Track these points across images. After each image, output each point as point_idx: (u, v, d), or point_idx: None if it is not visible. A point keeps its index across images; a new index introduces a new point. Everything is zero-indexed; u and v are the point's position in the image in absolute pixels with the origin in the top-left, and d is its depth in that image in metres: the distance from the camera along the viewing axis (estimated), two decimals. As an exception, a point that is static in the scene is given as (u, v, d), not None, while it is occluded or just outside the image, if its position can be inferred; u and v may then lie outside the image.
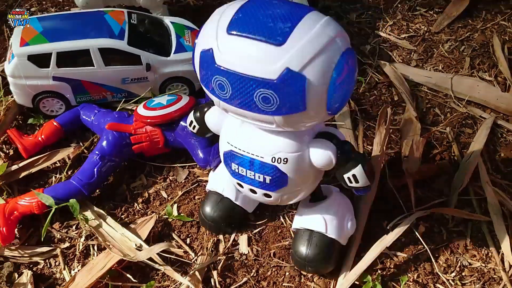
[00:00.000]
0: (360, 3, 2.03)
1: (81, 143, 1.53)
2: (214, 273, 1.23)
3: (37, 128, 1.57)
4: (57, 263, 1.29)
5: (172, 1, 2.01)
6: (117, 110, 1.55)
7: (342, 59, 0.85)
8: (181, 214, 1.36)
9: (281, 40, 0.82)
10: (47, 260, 1.29)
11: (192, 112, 1.18)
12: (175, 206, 1.38)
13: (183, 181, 1.44)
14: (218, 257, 1.26)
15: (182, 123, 1.40)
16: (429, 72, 1.75)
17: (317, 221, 1.18)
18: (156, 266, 1.24)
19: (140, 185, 1.44)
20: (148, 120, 1.40)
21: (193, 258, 1.27)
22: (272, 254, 1.28)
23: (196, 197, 1.40)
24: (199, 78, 0.95)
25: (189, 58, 1.55)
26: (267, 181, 1.05)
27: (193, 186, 1.43)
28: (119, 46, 1.47)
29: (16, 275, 1.26)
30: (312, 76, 0.83)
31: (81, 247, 1.30)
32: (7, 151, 1.49)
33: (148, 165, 1.47)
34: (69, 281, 1.21)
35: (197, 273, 1.21)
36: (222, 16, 0.88)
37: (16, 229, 1.32)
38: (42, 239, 1.27)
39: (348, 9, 2.00)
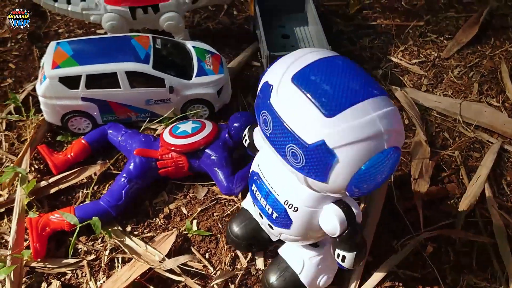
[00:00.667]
0: (373, 28, 2.12)
1: (107, 161, 1.61)
2: (232, 286, 1.31)
3: (65, 145, 1.66)
4: (83, 274, 1.36)
5: (193, 25, 2.11)
6: (141, 129, 1.64)
7: (379, 156, 0.84)
8: (200, 230, 1.43)
9: (331, 113, 0.82)
10: (74, 271, 1.37)
11: (248, 128, 1.23)
12: (194, 222, 1.46)
13: (202, 198, 1.52)
14: (236, 272, 1.33)
15: (207, 151, 1.48)
16: (438, 97, 1.82)
17: (297, 261, 1.22)
18: (177, 278, 1.31)
19: (161, 201, 1.52)
20: (173, 148, 1.48)
21: (212, 272, 1.35)
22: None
23: (215, 214, 1.48)
24: (255, 104, 0.97)
25: (210, 81, 1.64)
26: (273, 216, 1.07)
27: (212, 203, 1.51)
28: (145, 70, 1.56)
29: (46, 285, 1.34)
30: (342, 158, 0.83)
31: (106, 260, 1.38)
32: (38, 167, 1.58)
33: (169, 182, 1.55)
34: (95, 291, 1.29)
35: (216, 286, 1.29)
36: (296, 60, 0.90)
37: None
38: (70, 255, 1.35)
39: (361, 34, 2.08)
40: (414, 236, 1.39)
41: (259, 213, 1.13)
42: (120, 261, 1.38)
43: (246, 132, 1.23)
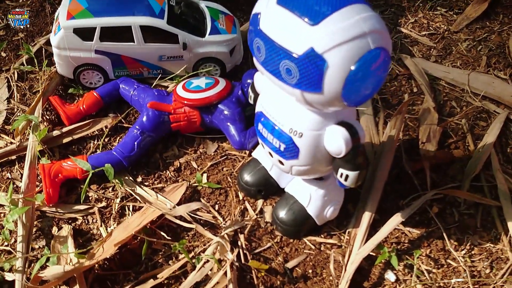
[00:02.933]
0: (383, 0, 2.12)
1: (118, 114, 1.62)
2: (241, 236, 1.33)
3: (76, 98, 1.67)
4: (94, 220, 1.38)
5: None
6: (153, 86, 1.65)
7: (367, 56, 0.86)
8: (210, 182, 1.45)
9: (315, 21, 0.85)
10: (85, 217, 1.39)
11: (250, 86, 1.27)
12: (204, 175, 1.48)
13: (212, 154, 1.54)
14: (246, 222, 1.35)
15: (220, 106, 1.49)
16: (447, 68, 1.83)
17: (304, 195, 1.28)
18: (188, 225, 1.33)
19: (172, 155, 1.53)
20: (187, 102, 1.49)
21: (221, 222, 1.37)
22: (294, 224, 1.37)
23: (224, 169, 1.50)
24: (248, 38, 1.02)
25: (223, 40, 1.65)
26: (281, 148, 1.10)
27: (222, 158, 1.52)
28: (159, 25, 1.57)
29: (56, 229, 1.36)
30: (332, 62, 0.86)
31: (117, 207, 1.39)
32: (49, 117, 1.58)
33: (180, 137, 1.57)
34: (106, 236, 1.30)
35: (226, 235, 1.31)
36: None
37: (58, 190, 1.42)
38: (82, 200, 1.37)
39: (372, 6, 2.08)
40: (421, 195, 1.41)
41: (269, 152, 1.17)
42: (131, 209, 1.40)
43: (249, 89, 1.27)
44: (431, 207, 1.41)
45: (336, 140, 1.02)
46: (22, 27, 1.88)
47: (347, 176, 1.07)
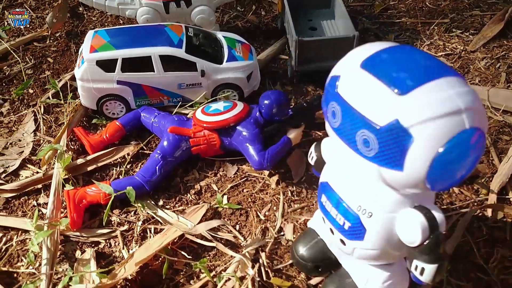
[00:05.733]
0: (398, 25, 2.15)
1: (139, 142, 1.66)
2: (262, 254, 1.31)
3: (100, 128, 1.72)
4: (116, 243, 1.39)
5: (222, 23, 2.18)
6: (173, 113, 1.69)
7: (460, 136, 0.75)
8: (230, 203, 1.45)
9: (404, 90, 0.76)
10: (107, 241, 1.40)
11: (314, 144, 1.17)
12: (225, 197, 1.48)
13: (232, 176, 1.55)
14: (266, 240, 1.34)
15: (238, 128, 1.51)
16: (466, 85, 1.83)
17: (361, 275, 1.10)
18: (209, 244, 1.32)
19: (192, 179, 1.55)
20: (206, 125, 1.52)
21: (242, 241, 1.36)
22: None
23: (245, 190, 1.50)
24: (322, 100, 0.92)
25: (240, 66, 1.69)
26: (345, 227, 0.97)
27: (242, 180, 1.53)
28: (178, 54, 1.62)
29: (79, 253, 1.37)
30: (418, 138, 0.75)
31: (138, 230, 1.40)
32: (74, 147, 1.63)
33: (200, 161, 1.59)
34: (128, 256, 1.31)
35: (247, 253, 1.30)
36: (364, 50, 0.85)
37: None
38: (104, 223, 1.39)
39: (387, 31, 2.12)
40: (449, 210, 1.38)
41: (330, 229, 1.04)
42: (152, 231, 1.40)
43: (312, 148, 1.16)
44: (457, 221, 1.38)
45: (411, 227, 0.88)
46: (47, 64, 1.97)
47: (423, 270, 0.92)
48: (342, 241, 1.01)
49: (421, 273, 0.93)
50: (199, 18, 1.92)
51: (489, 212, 1.41)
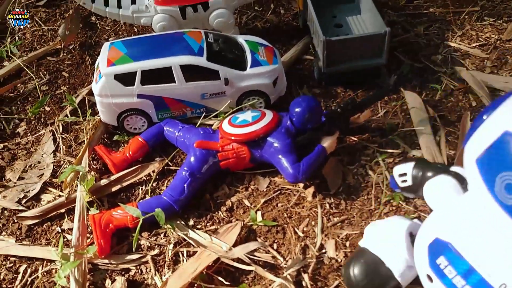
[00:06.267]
0: (426, 16, 2.04)
1: (164, 158, 1.57)
2: (305, 276, 1.22)
3: (122, 145, 1.64)
4: (148, 269, 1.31)
5: (241, 25, 2.09)
6: (197, 125, 1.60)
7: None
8: (265, 220, 1.36)
9: None
10: (138, 267, 1.32)
11: (413, 166, 1.03)
12: (258, 213, 1.39)
13: (264, 190, 1.46)
14: (308, 260, 1.25)
15: (269, 139, 1.41)
16: (505, 78, 1.71)
17: None
18: (247, 268, 1.24)
19: (223, 194, 1.46)
20: (234, 138, 1.43)
21: (282, 262, 1.27)
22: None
23: (279, 204, 1.41)
24: (474, 158, 0.73)
25: (264, 72, 1.60)
26: None
27: (275, 194, 1.44)
28: (199, 63, 1.53)
29: (110, 282, 1.29)
30: None
31: (170, 254, 1.32)
32: (96, 167, 1.55)
33: (229, 175, 1.50)
34: (162, 285, 1.23)
35: (288, 275, 1.21)
36: None
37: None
38: (134, 249, 1.30)
39: (415, 23, 2.00)
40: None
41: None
42: (185, 254, 1.32)
43: (409, 171, 1.02)
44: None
45: None
46: (62, 79, 1.89)
47: None
48: None
49: None
50: (218, 22, 1.82)
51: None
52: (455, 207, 0.85)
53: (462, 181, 0.92)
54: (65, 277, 1.24)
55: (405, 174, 1.02)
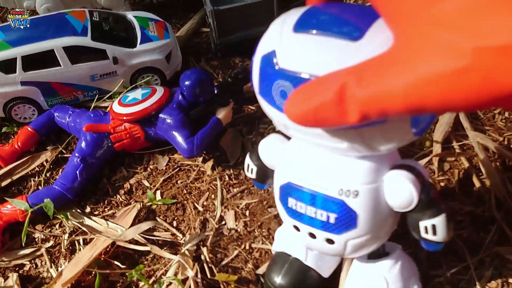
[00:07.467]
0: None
1: (58, 145, 1.50)
2: (204, 250, 1.21)
3: (12, 137, 1.55)
4: (43, 263, 1.25)
5: (135, 2, 2.01)
6: (91, 108, 1.54)
7: None
8: (164, 199, 1.33)
9: (358, 35, 0.66)
10: (32, 261, 1.26)
11: (248, 154, 1.01)
12: (158, 192, 1.36)
13: (164, 168, 1.42)
14: (206, 233, 1.24)
15: (161, 115, 1.38)
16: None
17: (378, 282, 0.97)
18: (142, 248, 1.21)
19: (121, 177, 1.42)
20: (125, 118, 1.38)
21: (181, 238, 1.25)
22: (261, 226, 1.26)
23: (179, 181, 1.38)
24: (257, 91, 0.77)
25: (156, 47, 1.55)
26: (331, 220, 0.83)
27: (174, 171, 1.41)
28: (83, 43, 1.46)
29: (2, 280, 1.23)
30: None
31: (66, 244, 1.27)
32: (-17, 162, 1.46)
33: (127, 156, 1.45)
34: (56, 276, 1.18)
35: (186, 251, 1.19)
36: (286, 18, 0.73)
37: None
38: (23, 243, 1.24)
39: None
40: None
41: (309, 233, 0.89)
42: (81, 243, 1.27)
43: (248, 160, 1.00)
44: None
45: (402, 188, 0.79)
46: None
47: (434, 227, 0.81)
48: (329, 240, 0.87)
49: (434, 232, 0.81)
50: (106, 0, 1.74)
51: (435, 163, 1.34)
52: (283, 153, 0.89)
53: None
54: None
55: (248, 165, 1.00)
